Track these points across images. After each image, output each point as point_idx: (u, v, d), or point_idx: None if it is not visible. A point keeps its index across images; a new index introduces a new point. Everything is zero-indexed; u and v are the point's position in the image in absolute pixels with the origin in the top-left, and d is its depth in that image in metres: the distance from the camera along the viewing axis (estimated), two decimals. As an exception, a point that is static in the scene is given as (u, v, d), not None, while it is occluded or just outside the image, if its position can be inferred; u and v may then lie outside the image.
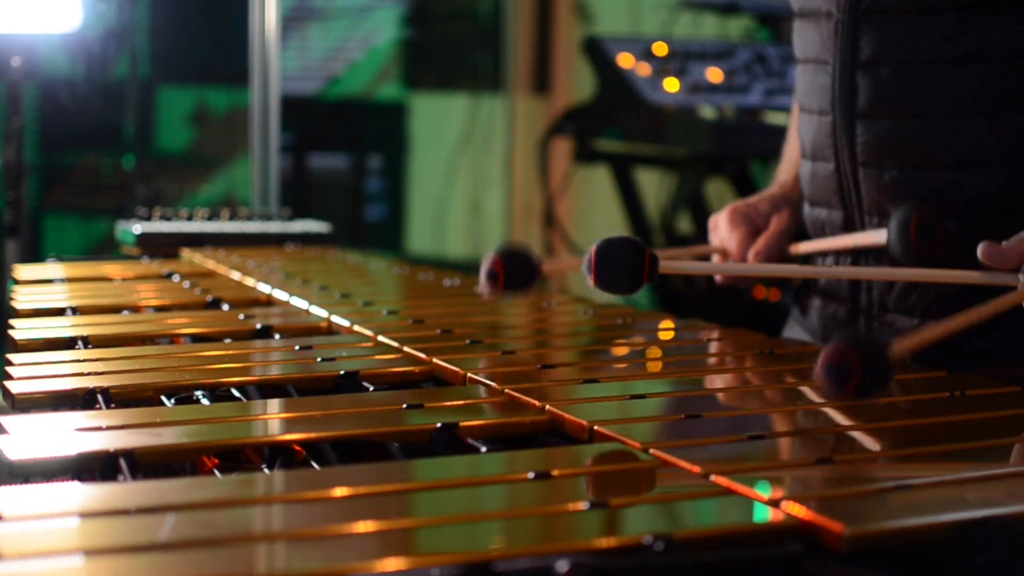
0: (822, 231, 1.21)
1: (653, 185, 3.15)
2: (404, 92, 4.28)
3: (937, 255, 1.04)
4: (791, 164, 1.33)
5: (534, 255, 1.10)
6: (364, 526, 0.58)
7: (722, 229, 1.24)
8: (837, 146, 1.15)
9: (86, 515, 0.60)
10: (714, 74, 2.81)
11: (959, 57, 1.07)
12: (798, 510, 0.59)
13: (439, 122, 4.27)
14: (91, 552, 0.55)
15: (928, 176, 1.09)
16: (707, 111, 2.69)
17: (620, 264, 0.92)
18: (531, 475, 0.66)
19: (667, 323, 1.26)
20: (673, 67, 2.79)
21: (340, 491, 0.63)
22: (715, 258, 1.26)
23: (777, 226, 1.21)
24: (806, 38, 1.19)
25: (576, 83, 3.99)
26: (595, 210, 3.93)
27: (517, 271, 1.09)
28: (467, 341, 1.07)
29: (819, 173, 1.19)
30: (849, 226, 1.17)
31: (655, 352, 1.12)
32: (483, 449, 0.76)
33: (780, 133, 1.41)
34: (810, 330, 1.24)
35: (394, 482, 0.67)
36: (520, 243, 1.13)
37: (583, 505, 0.61)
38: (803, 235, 1.23)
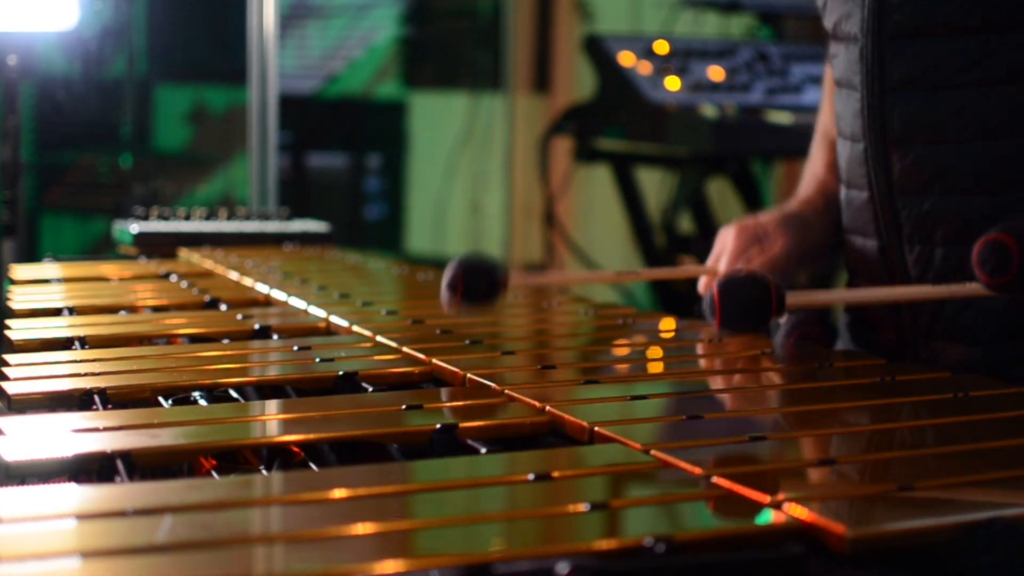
0: (858, 260, 1.18)
1: (654, 184, 3.15)
2: (403, 91, 4.28)
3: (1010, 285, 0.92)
4: (812, 179, 1.29)
5: (499, 266, 1.04)
6: (363, 528, 0.58)
7: (729, 245, 1.20)
8: (871, 174, 1.12)
9: (83, 517, 0.60)
10: (715, 72, 2.80)
11: (991, 78, 1.05)
12: (800, 512, 0.59)
13: (439, 121, 4.27)
14: (88, 554, 0.54)
15: (969, 202, 1.07)
16: (708, 110, 2.69)
17: (747, 301, 0.88)
18: (531, 476, 0.66)
19: (668, 323, 1.25)
20: (674, 65, 2.79)
21: (339, 492, 0.63)
22: (704, 278, 1.22)
23: (777, 252, 1.17)
24: (839, 60, 1.16)
25: (576, 82, 3.99)
26: (596, 209, 3.92)
27: (478, 283, 1.03)
28: (467, 341, 1.07)
29: (854, 201, 1.16)
30: (884, 255, 1.14)
31: (656, 353, 1.12)
32: (483, 450, 0.76)
33: (781, 132, 1.40)
34: None
35: (393, 483, 0.66)
36: (483, 253, 1.07)
37: (583, 507, 0.60)
38: (811, 258, 1.21)
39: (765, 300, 0.88)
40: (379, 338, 1.08)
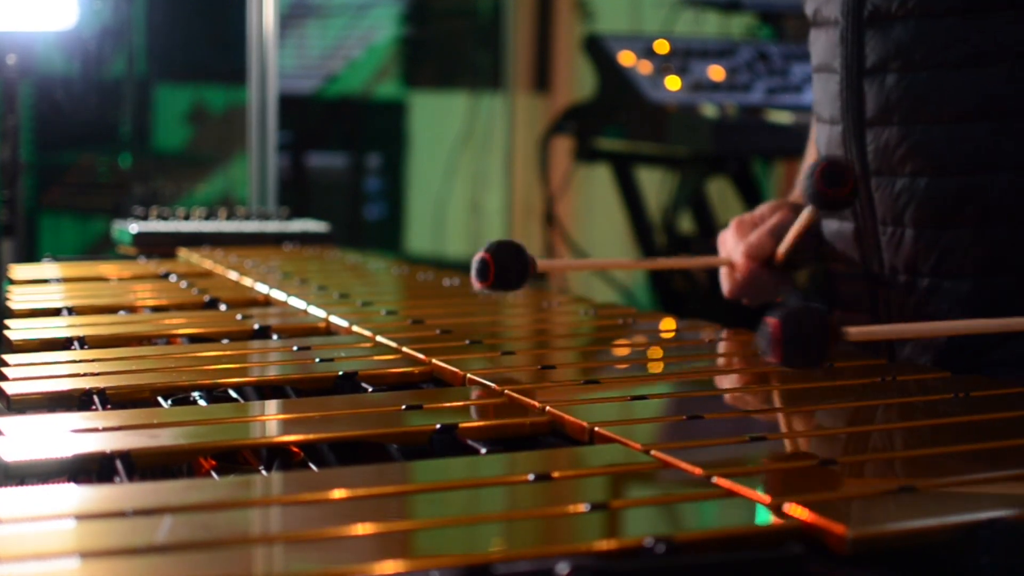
0: (834, 242, 1.19)
1: (654, 184, 3.15)
2: (403, 90, 4.27)
3: (849, 199, 1.02)
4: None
5: (526, 251, 1.07)
6: (363, 528, 0.58)
7: (729, 241, 1.22)
8: (848, 156, 1.14)
9: (82, 517, 0.59)
10: (716, 72, 2.80)
11: (964, 60, 1.06)
12: (800, 512, 0.59)
13: (438, 121, 4.26)
14: (87, 554, 0.54)
15: (940, 183, 1.08)
16: (709, 109, 2.69)
17: (808, 338, 0.82)
18: (531, 477, 0.66)
19: (668, 323, 1.25)
20: (674, 65, 2.79)
21: (338, 493, 0.63)
22: (723, 271, 1.24)
23: (772, 223, 1.19)
24: (818, 46, 1.18)
25: (577, 81, 3.98)
26: (596, 209, 3.92)
27: (508, 267, 1.05)
28: (467, 341, 1.07)
29: None
30: (860, 237, 1.16)
31: (656, 353, 1.12)
32: (483, 451, 0.76)
33: (782, 132, 1.40)
34: None
35: (393, 484, 0.66)
36: (513, 240, 1.10)
37: (583, 507, 0.60)
38: (806, 240, 1.21)
39: (826, 334, 0.82)
40: (379, 338, 1.08)
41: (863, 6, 1.10)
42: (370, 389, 0.93)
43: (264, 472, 0.78)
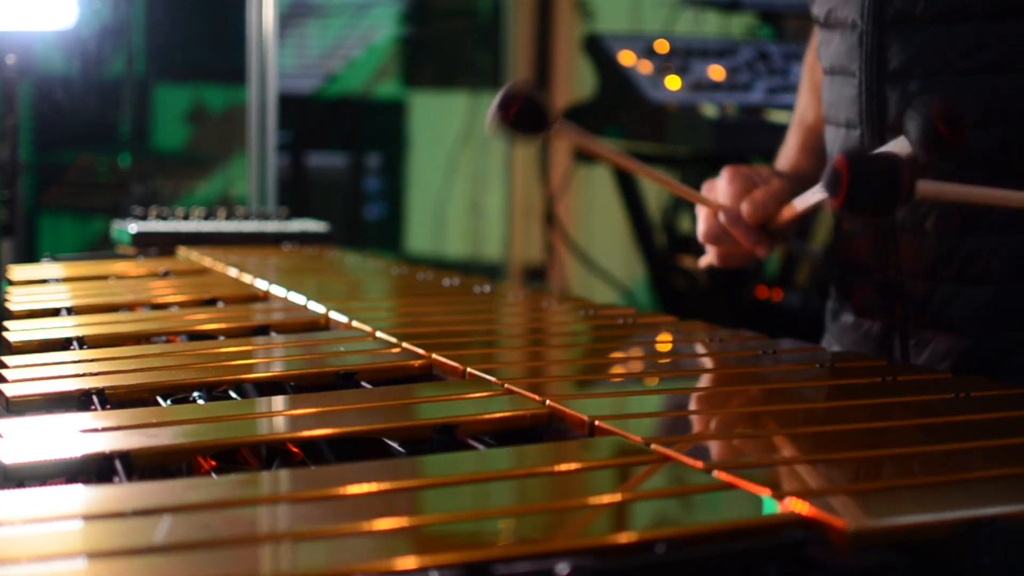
0: (848, 247, 1.18)
1: (654, 184, 3.15)
2: (403, 90, 4.27)
3: (963, 144, 0.94)
4: (784, 160, 1.29)
5: (549, 103, 1.02)
6: (366, 525, 0.58)
7: (720, 186, 1.19)
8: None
9: (82, 518, 0.59)
10: (716, 72, 2.80)
11: (988, 65, 1.05)
12: (801, 506, 0.59)
13: (438, 120, 4.26)
14: (88, 555, 0.54)
15: None
16: (709, 109, 2.69)
17: (881, 179, 0.77)
18: (532, 472, 0.66)
19: (668, 324, 1.25)
20: (675, 65, 2.79)
21: (341, 489, 0.63)
22: (703, 212, 1.21)
23: (777, 184, 1.16)
24: (830, 48, 1.16)
25: (577, 81, 3.98)
26: (596, 209, 3.92)
27: (530, 109, 1.00)
28: (467, 337, 1.06)
29: None
30: (877, 242, 1.14)
31: (656, 351, 1.12)
32: (484, 447, 0.76)
33: (782, 132, 1.39)
34: (844, 348, 1.22)
35: (396, 480, 0.66)
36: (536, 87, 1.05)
37: (585, 502, 0.60)
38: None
39: (899, 181, 0.77)
40: (379, 334, 1.08)
41: (886, 9, 1.09)
42: (370, 385, 0.93)
43: (264, 471, 0.78)
